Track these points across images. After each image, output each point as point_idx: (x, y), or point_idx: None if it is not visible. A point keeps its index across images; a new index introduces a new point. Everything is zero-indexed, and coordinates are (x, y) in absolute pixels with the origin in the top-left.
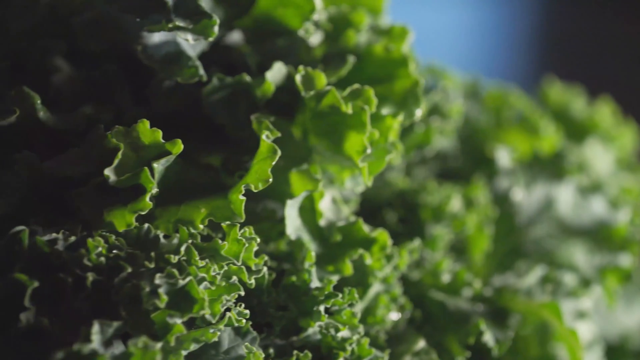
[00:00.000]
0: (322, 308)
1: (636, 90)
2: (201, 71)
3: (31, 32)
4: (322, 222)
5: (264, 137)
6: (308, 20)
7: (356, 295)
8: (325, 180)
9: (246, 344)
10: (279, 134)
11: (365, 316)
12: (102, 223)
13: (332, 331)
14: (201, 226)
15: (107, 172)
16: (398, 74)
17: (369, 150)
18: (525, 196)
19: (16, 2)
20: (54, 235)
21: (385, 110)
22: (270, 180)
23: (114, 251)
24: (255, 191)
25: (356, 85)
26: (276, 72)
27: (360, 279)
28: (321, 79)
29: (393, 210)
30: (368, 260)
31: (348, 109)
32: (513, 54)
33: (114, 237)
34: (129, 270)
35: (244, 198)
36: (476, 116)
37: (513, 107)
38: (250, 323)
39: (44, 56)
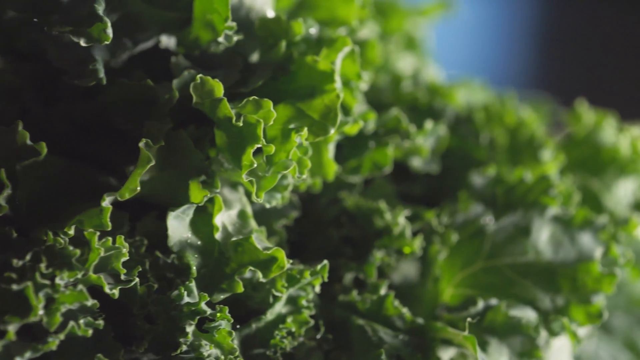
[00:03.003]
0: (189, 325)
1: (636, 90)
2: (101, 74)
3: None
4: (218, 236)
5: (142, 145)
6: (225, 27)
7: (228, 314)
8: (234, 193)
9: (98, 355)
10: (162, 143)
11: (264, 336)
12: None
13: (203, 350)
14: (71, 232)
15: None
16: (323, 88)
17: (255, 164)
18: (497, 223)
19: None
20: None
21: (294, 125)
22: (138, 189)
23: None
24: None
25: (253, 97)
26: (184, 80)
27: (264, 298)
28: (218, 88)
29: (338, 228)
30: (262, 279)
31: (239, 121)
32: (513, 54)
33: None
34: None
35: (110, 207)
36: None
37: (525, 128)
38: (112, 334)
39: None
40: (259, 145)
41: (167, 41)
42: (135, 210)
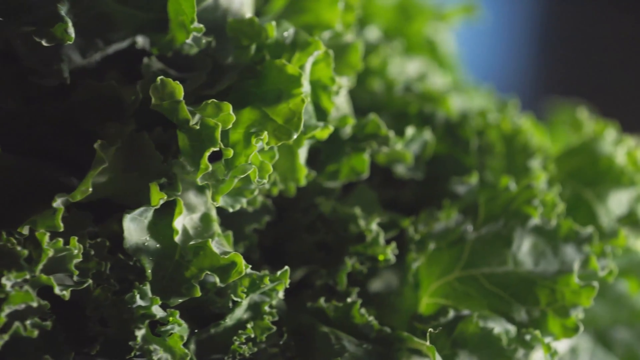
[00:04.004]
0: (138, 328)
1: (636, 90)
2: (65, 74)
3: None
4: (178, 239)
5: (96, 146)
6: (192, 28)
7: (179, 319)
8: (200, 197)
9: (46, 356)
10: (119, 144)
11: (223, 342)
12: None
13: (154, 355)
14: (25, 232)
15: None
16: (290, 92)
17: (210, 168)
18: (477, 232)
19: None
20: None
21: (256, 128)
22: (90, 191)
23: None
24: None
25: (212, 100)
26: (149, 81)
27: (225, 303)
28: (178, 90)
29: (312, 234)
30: (220, 284)
31: (197, 124)
32: (513, 54)
33: None
34: None
35: (62, 208)
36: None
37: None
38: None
39: None
40: (216, 149)
41: (144, 42)
42: (105, 212)
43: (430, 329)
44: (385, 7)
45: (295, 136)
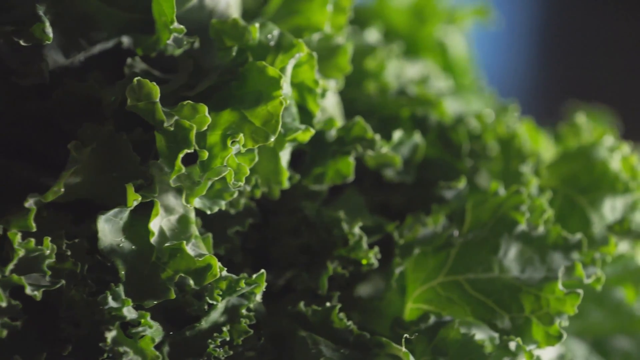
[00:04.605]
0: (108, 330)
1: (636, 90)
2: (45, 74)
3: None
4: (154, 241)
5: (70, 146)
6: (172, 29)
7: (150, 321)
8: (179, 198)
9: (16, 356)
10: (94, 145)
11: (198, 344)
12: None
13: (125, 357)
14: None
15: None
16: (270, 94)
17: (183, 170)
18: (464, 238)
19: None
20: None
21: (232, 131)
22: (62, 191)
23: None
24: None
25: (188, 101)
26: (128, 82)
27: (201, 306)
28: (155, 91)
29: (296, 237)
30: (194, 286)
31: (172, 125)
32: (512, 54)
33: None
34: None
35: (34, 208)
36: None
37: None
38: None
39: None
40: (191, 151)
41: (130, 42)
42: (87, 213)
43: (406, 335)
44: (400, 8)
45: (272, 139)
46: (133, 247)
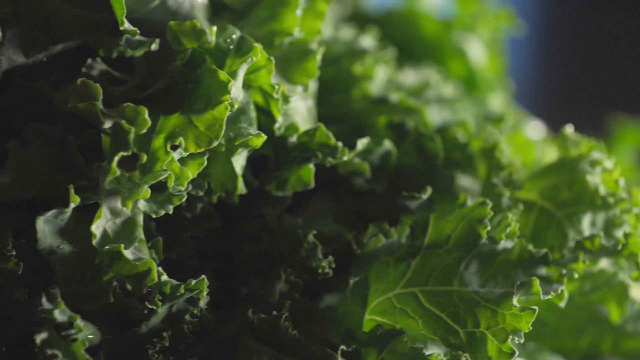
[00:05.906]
0: (38, 332)
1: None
2: None
3: None
4: (96, 243)
5: (8, 146)
6: (125, 30)
7: (81, 324)
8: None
9: None
10: (36, 145)
11: (137, 349)
12: None
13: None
14: None
15: None
16: (219, 99)
17: (118, 173)
18: (425, 249)
19: None
20: None
21: (175, 135)
22: None
23: None
24: None
25: (128, 104)
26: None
27: (142, 310)
28: (97, 92)
29: (255, 243)
30: (134, 290)
31: (110, 128)
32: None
33: None
34: None
35: None
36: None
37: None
38: None
39: None
40: (128, 154)
41: (94, 43)
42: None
43: (354, 346)
44: (427, 14)
45: (215, 143)
46: (74, 249)
